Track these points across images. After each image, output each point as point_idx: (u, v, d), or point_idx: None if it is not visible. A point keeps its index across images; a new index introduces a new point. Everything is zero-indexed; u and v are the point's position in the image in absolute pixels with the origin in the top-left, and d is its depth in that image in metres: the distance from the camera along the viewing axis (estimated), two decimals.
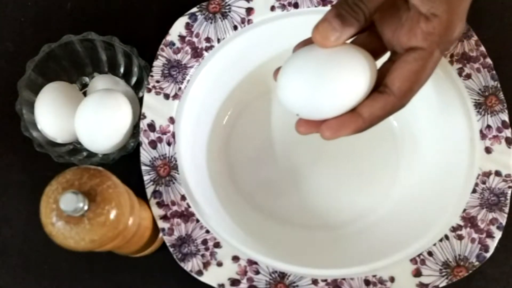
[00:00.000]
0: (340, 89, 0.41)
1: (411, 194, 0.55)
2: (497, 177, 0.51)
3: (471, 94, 0.52)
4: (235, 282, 0.49)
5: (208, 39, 0.54)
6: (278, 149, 0.58)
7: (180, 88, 0.53)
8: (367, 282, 0.49)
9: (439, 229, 0.50)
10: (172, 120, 0.53)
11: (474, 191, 0.51)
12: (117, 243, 0.42)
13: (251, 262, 0.49)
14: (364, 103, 0.42)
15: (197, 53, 0.54)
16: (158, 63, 0.53)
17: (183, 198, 0.51)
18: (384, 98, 0.41)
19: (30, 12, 0.61)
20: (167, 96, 0.53)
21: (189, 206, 0.51)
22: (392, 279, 0.49)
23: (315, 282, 0.49)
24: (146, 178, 0.51)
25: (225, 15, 0.54)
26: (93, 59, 0.58)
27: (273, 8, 0.54)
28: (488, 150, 0.51)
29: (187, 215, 0.50)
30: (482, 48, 0.53)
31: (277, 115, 0.58)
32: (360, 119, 0.42)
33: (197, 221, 0.50)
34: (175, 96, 0.53)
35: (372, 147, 0.57)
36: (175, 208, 0.51)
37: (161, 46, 0.54)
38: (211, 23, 0.54)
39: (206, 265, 0.49)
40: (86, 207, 0.38)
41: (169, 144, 0.52)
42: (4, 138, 0.58)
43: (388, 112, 0.42)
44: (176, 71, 0.53)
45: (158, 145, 0.52)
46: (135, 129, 0.55)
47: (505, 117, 0.52)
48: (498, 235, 0.50)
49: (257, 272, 0.49)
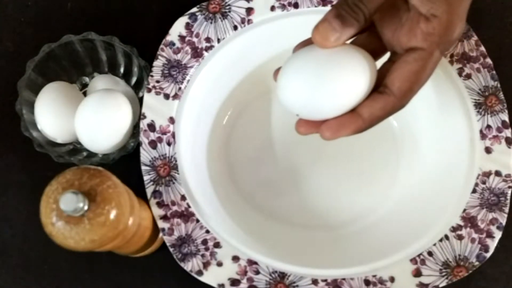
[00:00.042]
0: (340, 89, 0.41)
1: (411, 194, 0.55)
2: (497, 177, 0.51)
3: (471, 94, 0.52)
4: (235, 282, 0.49)
5: (208, 39, 0.54)
6: (278, 149, 0.58)
7: (180, 88, 0.53)
8: (367, 282, 0.49)
9: (439, 229, 0.50)
10: (172, 120, 0.53)
11: (474, 191, 0.51)
12: (117, 243, 0.42)
13: (251, 262, 0.49)
14: (364, 103, 0.42)
15: (197, 53, 0.54)
16: (158, 63, 0.53)
17: (183, 198, 0.51)
18: (384, 99, 0.41)
19: (30, 12, 0.61)
20: (167, 96, 0.53)
21: (189, 206, 0.51)
22: (392, 279, 0.49)
23: (315, 282, 0.49)
24: (146, 178, 0.51)
25: (225, 15, 0.54)
26: (93, 59, 0.58)
27: (273, 8, 0.54)
28: (488, 150, 0.51)
29: (187, 215, 0.50)
30: (482, 48, 0.53)
31: (277, 115, 0.58)
32: (360, 119, 0.42)
33: (197, 221, 0.50)
34: (175, 96, 0.53)
35: (372, 147, 0.57)
36: (175, 208, 0.51)
37: (161, 46, 0.54)
38: (211, 23, 0.54)
39: (206, 265, 0.49)
40: (86, 207, 0.38)
41: (169, 144, 0.52)
42: (4, 138, 0.58)
43: (388, 112, 0.42)
44: (176, 71, 0.53)
45: (158, 145, 0.52)
46: (135, 129, 0.55)
47: (505, 117, 0.52)
48: (498, 235, 0.50)
49: (257, 272, 0.49)
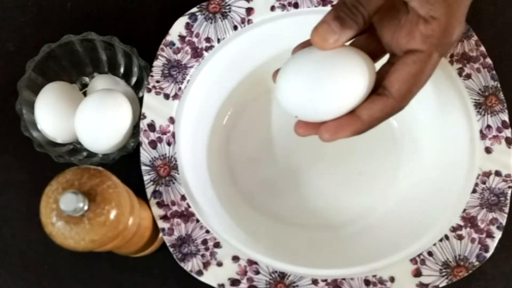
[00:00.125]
0: (339, 91, 0.41)
1: (411, 194, 0.55)
2: (497, 177, 0.51)
3: (471, 94, 0.52)
4: (235, 282, 0.49)
5: (208, 39, 0.54)
6: (278, 149, 0.58)
7: (180, 88, 0.53)
8: (367, 282, 0.49)
9: (439, 229, 0.50)
10: (172, 120, 0.53)
11: (474, 191, 0.51)
12: (117, 243, 0.42)
13: (251, 262, 0.49)
14: (363, 105, 0.42)
15: (197, 53, 0.54)
16: (158, 63, 0.53)
17: (183, 198, 0.51)
18: (383, 100, 0.41)
19: (30, 12, 0.61)
20: (167, 96, 0.53)
21: (189, 206, 0.51)
22: (392, 279, 0.49)
23: (315, 282, 0.49)
24: (146, 178, 0.51)
25: (225, 15, 0.54)
26: (93, 59, 0.58)
27: (273, 8, 0.54)
28: (488, 150, 0.51)
29: (187, 215, 0.50)
30: (482, 48, 0.53)
31: (277, 115, 0.58)
32: (359, 121, 0.42)
33: (197, 221, 0.50)
34: (175, 96, 0.53)
35: (372, 147, 0.57)
36: (175, 208, 0.51)
37: (161, 46, 0.54)
38: (211, 23, 0.54)
39: (206, 265, 0.49)
40: (86, 207, 0.38)
41: (169, 144, 0.52)
42: (4, 138, 0.58)
43: (387, 114, 0.42)
44: (176, 71, 0.53)
45: (158, 145, 0.52)
46: (135, 129, 0.55)
47: (505, 117, 0.52)
48: (498, 235, 0.50)
49: (257, 272, 0.49)
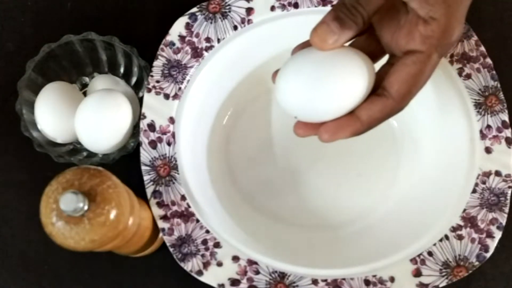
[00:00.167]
0: (338, 91, 0.41)
1: (411, 194, 0.55)
2: (497, 177, 0.51)
3: (471, 94, 0.52)
4: (235, 282, 0.49)
5: (208, 39, 0.54)
6: (278, 149, 0.58)
7: (180, 88, 0.53)
8: (367, 282, 0.49)
9: (439, 229, 0.50)
10: (172, 120, 0.53)
11: (474, 191, 0.51)
12: (117, 243, 0.42)
13: (251, 262, 0.49)
14: (362, 105, 0.42)
15: (197, 53, 0.54)
16: (158, 63, 0.53)
17: (183, 198, 0.51)
18: (382, 101, 0.41)
19: (30, 12, 0.61)
20: (167, 96, 0.53)
21: (189, 206, 0.51)
22: (392, 279, 0.49)
23: (315, 282, 0.49)
24: (146, 178, 0.51)
25: (225, 15, 0.54)
26: (93, 59, 0.58)
27: (273, 8, 0.54)
28: (488, 150, 0.51)
29: (187, 215, 0.50)
30: (482, 48, 0.53)
31: (277, 115, 0.58)
32: (358, 121, 0.42)
33: (197, 221, 0.50)
34: (175, 96, 0.53)
35: (372, 147, 0.57)
36: (175, 208, 0.51)
37: (161, 46, 0.54)
38: (211, 23, 0.54)
39: (206, 265, 0.49)
40: (86, 207, 0.38)
41: (169, 144, 0.52)
42: (4, 138, 0.58)
43: (386, 115, 0.42)
44: (176, 71, 0.53)
45: (158, 145, 0.52)
46: (135, 129, 0.55)
47: (505, 117, 0.52)
48: (498, 235, 0.50)
49: (257, 272, 0.49)
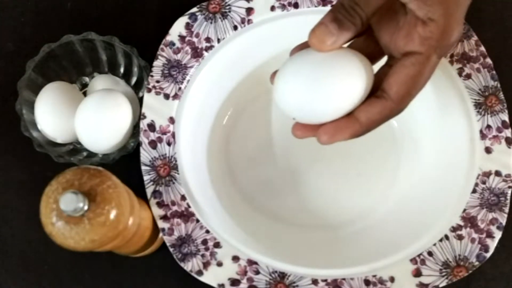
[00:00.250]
0: (336, 93, 0.41)
1: (411, 194, 0.55)
2: (497, 177, 0.51)
3: (471, 94, 0.52)
4: (235, 282, 0.49)
5: (208, 39, 0.54)
6: (278, 149, 0.58)
7: (180, 88, 0.53)
8: (367, 282, 0.49)
9: (439, 229, 0.50)
10: (172, 120, 0.53)
11: (474, 191, 0.51)
12: (117, 243, 0.42)
13: (251, 262, 0.49)
14: (361, 107, 0.42)
15: (197, 53, 0.54)
16: (158, 63, 0.53)
17: (183, 198, 0.51)
18: (381, 103, 0.41)
19: (30, 12, 0.61)
20: (167, 96, 0.53)
21: (189, 206, 0.51)
22: (392, 279, 0.49)
23: (315, 282, 0.49)
24: (146, 178, 0.51)
25: (225, 15, 0.54)
26: (93, 59, 0.58)
27: (273, 8, 0.54)
28: (488, 150, 0.51)
29: (187, 215, 0.50)
30: (482, 48, 0.53)
31: (277, 115, 0.58)
32: (357, 123, 0.42)
33: (197, 221, 0.50)
34: (175, 96, 0.53)
35: (372, 147, 0.56)
36: (175, 208, 0.51)
37: (161, 46, 0.54)
38: (211, 23, 0.54)
39: (206, 265, 0.49)
40: (86, 207, 0.38)
41: (169, 144, 0.52)
42: (4, 138, 0.58)
43: (385, 116, 0.42)
44: (176, 71, 0.53)
45: (158, 145, 0.52)
46: (135, 129, 0.55)
47: (505, 117, 0.52)
48: (498, 235, 0.50)
49: (257, 272, 0.49)
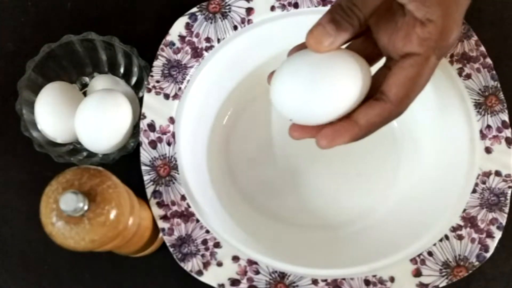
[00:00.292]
0: (333, 94, 0.41)
1: (411, 194, 0.55)
2: (497, 177, 0.51)
3: (471, 94, 0.52)
4: (235, 282, 0.49)
5: (208, 39, 0.54)
6: (278, 149, 0.58)
7: (180, 88, 0.53)
8: (367, 282, 0.49)
9: (439, 229, 0.50)
10: (172, 120, 0.53)
11: (474, 191, 0.51)
12: (117, 243, 0.42)
13: (251, 262, 0.49)
14: (360, 110, 0.41)
15: (197, 53, 0.54)
16: (158, 63, 0.53)
17: (183, 198, 0.51)
18: (380, 105, 0.41)
19: (30, 12, 0.61)
20: (167, 96, 0.53)
21: (189, 206, 0.51)
22: (392, 279, 0.49)
23: (315, 282, 0.49)
24: (146, 178, 0.51)
25: (225, 15, 0.54)
26: (93, 59, 0.58)
27: (273, 8, 0.54)
28: (488, 150, 0.51)
29: (187, 215, 0.50)
30: (482, 48, 0.53)
31: (277, 116, 0.58)
32: (357, 126, 0.41)
33: (197, 221, 0.50)
34: (175, 96, 0.53)
35: (372, 147, 0.56)
36: (175, 208, 0.51)
37: (161, 46, 0.54)
38: (211, 23, 0.54)
39: (206, 265, 0.49)
40: (86, 207, 0.38)
41: (169, 144, 0.52)
42: (4, 138, 0.58)
43: (385, 119, 0.41)
44: (176, 71, 0.53)
45: (158, 145, 0.52)
46: (135, 129, 0.55)
47: (505, 117, 0.52)
48: (498, 235, 0.50)
49: (257, 272, 0.49)
